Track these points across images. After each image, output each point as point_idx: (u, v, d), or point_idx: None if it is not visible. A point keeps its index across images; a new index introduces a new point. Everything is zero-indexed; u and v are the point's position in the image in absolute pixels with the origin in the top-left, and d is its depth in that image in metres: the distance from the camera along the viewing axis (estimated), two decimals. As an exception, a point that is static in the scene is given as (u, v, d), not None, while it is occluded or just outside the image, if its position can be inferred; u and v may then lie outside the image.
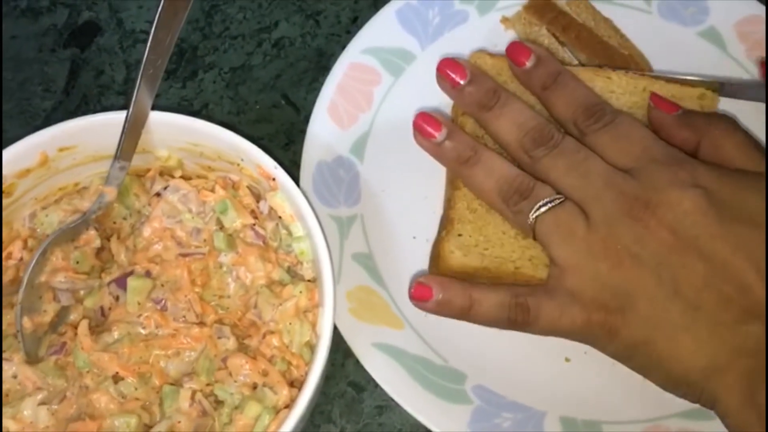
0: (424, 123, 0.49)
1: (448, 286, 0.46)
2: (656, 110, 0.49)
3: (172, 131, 0.46)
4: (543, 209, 0.45)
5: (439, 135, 0.49)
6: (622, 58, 0.55)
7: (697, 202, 0.43)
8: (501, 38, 0.57)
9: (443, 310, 0.46)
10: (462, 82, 0.50)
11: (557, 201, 0.45)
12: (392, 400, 0.48)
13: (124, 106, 0.45)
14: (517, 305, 0.44)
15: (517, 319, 0.45)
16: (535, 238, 0.46)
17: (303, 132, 0.54)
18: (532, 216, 0.45)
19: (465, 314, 0.46)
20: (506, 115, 0.49)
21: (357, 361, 0.49)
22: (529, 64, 0.50)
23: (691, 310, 0.42)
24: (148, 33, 0.60)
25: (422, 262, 0.52)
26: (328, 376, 0.43)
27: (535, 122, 0.48)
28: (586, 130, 0.48)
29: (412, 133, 0.50)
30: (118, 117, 0.45)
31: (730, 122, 0.48)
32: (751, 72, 0.56)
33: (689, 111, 0.49)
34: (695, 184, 0.43)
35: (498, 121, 0.49)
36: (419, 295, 0.46)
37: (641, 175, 0.45)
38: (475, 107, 0.50)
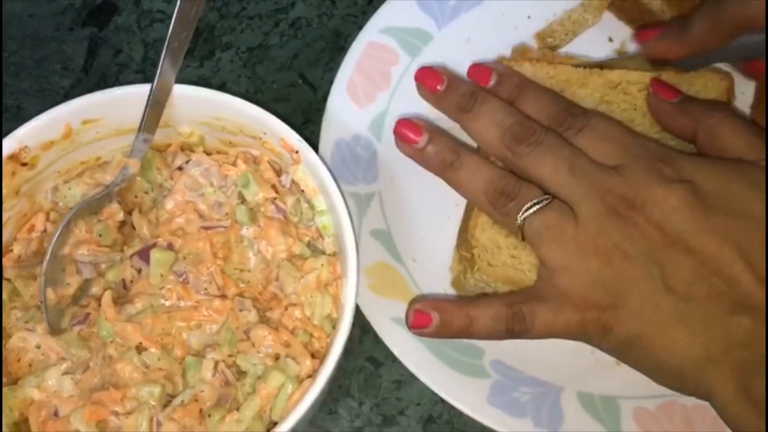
0: (404, 129, 0.49)
1: (445, 308, 0.46)
2: (655, 97, 0.49)
3: (196, 105, 0.46)
4: (530, 211, 0.45)
5: (420, 140, 0.49)
6: None
7: (684, 198, 0.43)
8: (519, 19, 0.58)
9: (443, 332, 0.46)
10: (440, 88, 0.50)
11: (545, 201, 0.45)
12: (410, 374, 0.48)
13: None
14: (513, 315, 0.44)
15: (514, 329, 0.45)
16: (523, 239, 0.46)
17: (320, 111, 0.54)
18: (520, 218, 0.45)
19: (465, 332, 0.46)
20: (485, 115, 0.48)
21: (375, 337, 0.49)
22: (491, 81, 0.50)
23: (682, 303, 0.42)
24: (164, 12, 0.61)
25: (440, 239, 0.52)
26: (346, 351, 0.43)
27: (514, 119, 0.47)
28: (563, 137, 0.47)
29: (394, 140, 0.50)
30: (142, 89, 0.45)
31: (728, 109, 0.47)
32: None
33: (688, 97, 0.49)
34: (681, 179, 0.43)
35: (477, 122, 0.48)
36: (419, 322, 0.46)
37: (626, 173, 0.44)
38: (454, 111, 0.50)
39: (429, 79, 0.51)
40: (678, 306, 0.42)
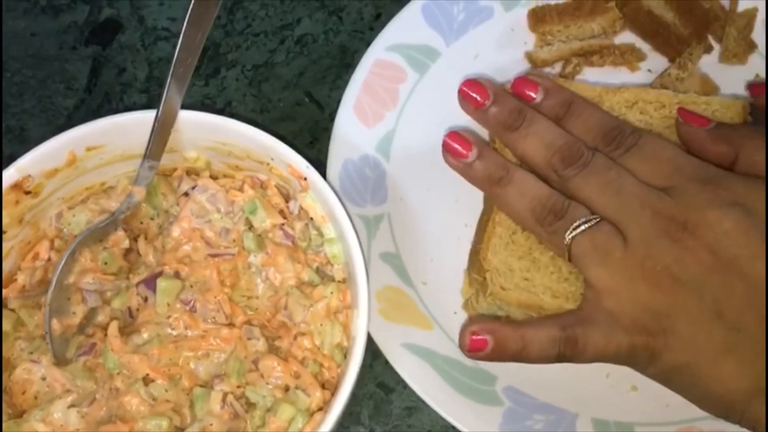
0: (453, 143, 0.48)
1: (500, 331, 0.44)
2: (686, 125, 0.47)
3: (201, 130, 0.46)
4: (579, 230, 0.44)
5: (470, 155, 0.48)
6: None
7: (738, 222, 0.41)
8: (528, 34, 0.57)
9: (498, 355, 0.44)
10: (486, 103, 0.49)
11: (593, 221, 0.44)
12: (421, 401, 0.48)
13: (147, 104, 0.45)
14: (566, 339, 0.43)
15: (566, 353, 0.43)
16: (569, 260, 0.45)
17: (327, 130, 0.54)
18: (568, 237, 0.44)
19: (518, 356, 0.44)
20: (533, 135, 0.47)
21: (385, 363, 0.48)
22: (538, 97, 0.49)
23: (734, 332, 0.41)
24: (169, 30, 0.60)
25: (450, 261, 0.51)
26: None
27: (563, 141, 0.46)
28: (611, 156, 0.46)
29: (441, 153, 0.49)
30: (147, 116, 0.44)
31: (766, 134, 0.46)
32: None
33: (721, 124, 0.47)
34: (735, 203, 0.42)
35: (525, 142, 0.47)
36: (475, 345, 0.44)
37: (677, 194, 0.43)
38: (500, 128, 0.49)
39: (474, 92, 0.49)
40: (729, 335, 0.41)
